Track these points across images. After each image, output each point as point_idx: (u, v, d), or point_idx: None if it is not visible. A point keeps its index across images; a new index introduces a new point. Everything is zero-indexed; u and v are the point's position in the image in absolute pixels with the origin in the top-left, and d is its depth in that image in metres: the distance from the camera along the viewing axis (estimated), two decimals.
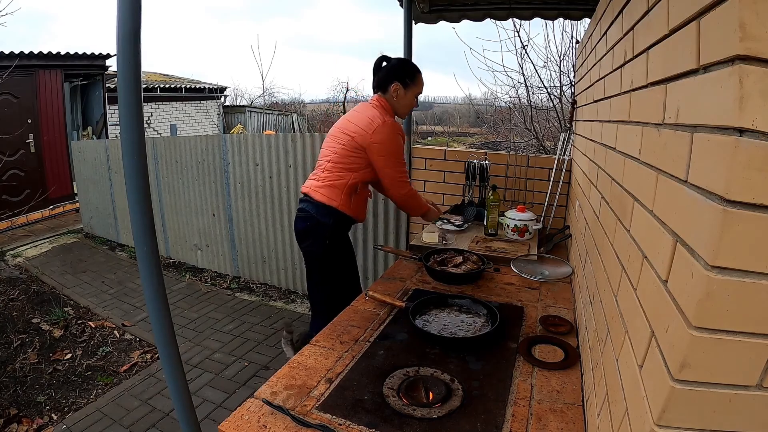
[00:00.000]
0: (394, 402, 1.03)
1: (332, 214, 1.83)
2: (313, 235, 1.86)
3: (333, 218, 1.83)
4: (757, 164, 0.44)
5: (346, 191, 1.82)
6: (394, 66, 1.84)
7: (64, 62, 6.38)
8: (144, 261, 1.11)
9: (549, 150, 4.38)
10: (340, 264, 1.92)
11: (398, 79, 1.81)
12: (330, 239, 1.85)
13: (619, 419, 0.71)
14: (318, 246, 1.86)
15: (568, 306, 1.57)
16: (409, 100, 1.87)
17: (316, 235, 1.85)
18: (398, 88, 1.81)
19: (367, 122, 1.77)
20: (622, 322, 0.81)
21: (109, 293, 3.64)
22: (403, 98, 1.85)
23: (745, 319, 0.47)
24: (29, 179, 5.91)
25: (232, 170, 3.58)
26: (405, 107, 1.88)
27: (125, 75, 1.01)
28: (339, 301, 1.92)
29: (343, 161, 1.81)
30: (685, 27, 0.61)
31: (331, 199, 1.82)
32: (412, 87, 1.85)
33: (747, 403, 0.50)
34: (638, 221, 0.80)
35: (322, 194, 1.83)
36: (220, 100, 11.24)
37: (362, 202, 1.93)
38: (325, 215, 1.82)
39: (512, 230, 2.18)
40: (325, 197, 1.82)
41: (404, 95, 1.84)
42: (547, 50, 7.23)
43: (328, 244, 1.85)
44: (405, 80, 1.82)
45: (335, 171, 1.82)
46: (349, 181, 1.82)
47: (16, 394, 2.28)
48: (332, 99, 15.80)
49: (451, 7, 2.69)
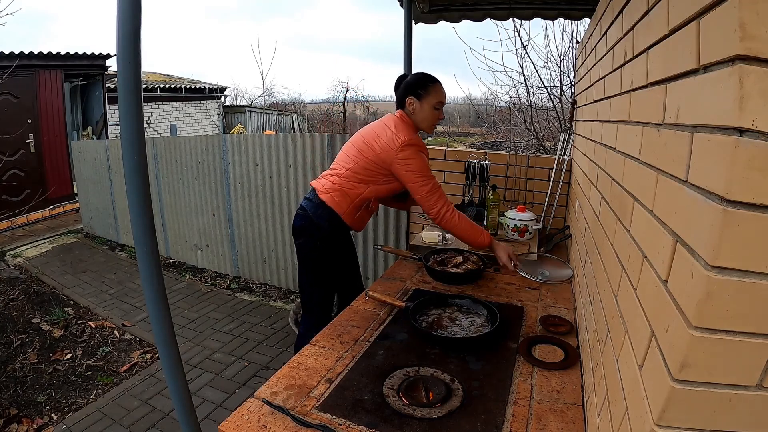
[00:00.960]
0: (394, 402, 1.03)
1: (331, 219, 1.81)
2: (305, 234, 1.86)
3: (330, 223, 1.81)
4: (757, 164, 0.44)
5: (357, 202, 1.81)
6: (408, 81, 1.84)
7: (64, 62, 6.38)
8: (144, 261, 1.11)
9: (549, 150, 4.38)
10: (332, 266, 1.90)
11: (411, 93, 1.81)
12: (322, 242, 1.84)
13: (619, 419, 0.71)
14: (309, 246, 1.86)
15: (568, 306, 1.57)
16: (427, 112, 1.81)
17: (308, 235, 1.85)
18: (413, 102, 1.81)
19: (391, 136, 1.77)
20: (622, 322, 0.81)
21: (109, 293, 3.64)
22: (420, 111, 1.81)
23: (745, 319, 0.47)
24: (29, 179, 5.91)
25: (232, 170, 3.58)
26: (424, 120, 1.83)
27: (125, 75, 1.01)
28: (329, 302, 1.93)
29: (362, 173, 1.80)
30: (685, 27, 0.61)
31: (338, 205, 1.80)
32: (427, 98, 1.80)
33: (747, 403, 0.50)
34: (638, 221, 0.80)
35: (332, 197, 1.81)
36: (220, 100, 11.24)
37: (367, 216, 1.92)
38: (321, 217, 1.81)
39: (512, 230, 2.18)
40: (334, 201, 1.81)
41: (420, 108, 1.81)
42: (548, 50, 7.24)
43: (319, 245, 1.84)
44: (418, 92, 1.80)
45: (353, 180, 1.81)
46: (363, 194, 1.81)
47: (16, 394, 2.28)
48: (332, 99, 15.80)
49: (451, 7, 2.69)
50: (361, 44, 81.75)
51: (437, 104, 1.82)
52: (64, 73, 6.43)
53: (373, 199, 1.85)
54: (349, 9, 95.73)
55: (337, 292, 2.06)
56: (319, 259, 1.86)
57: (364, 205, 1.84)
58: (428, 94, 1.80)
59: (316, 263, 1.87)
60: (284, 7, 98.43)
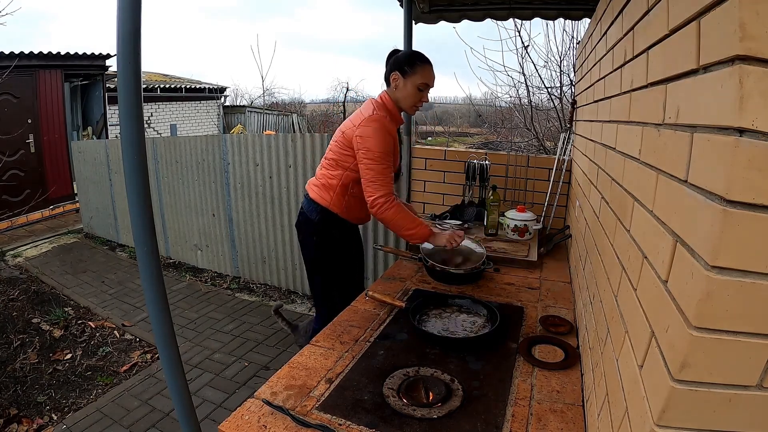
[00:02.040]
0: (394, 402, 1.03)
1: (320, 211, 1.82)
2: (303, 231, 1.89)
3: (320, 216, 1.82)
4: (757, 164, 0.44)
5: (339, 190, 1.79)
6: (397, 56, 1.79)
7: (64, 62, 6.38)
8: (144, 261, 1.11)
9: (549, 150, 4.38)
10: (332, 262, 1.89)
11: (398, 69, 1.74)
12: (318, 236, 1.84)
13: (619, 419, 0.71)
14: (307, 242, 1.89)
15: (568, 306, 1.57)
16: (410, 90, 1.74)
17: (304, 231, 1.88)
18: (397, 78, 1.74)
19: (358, 115, 1.73)
20: (622, 322, 0.81)
21: (109, 293, 3.64)
22: (402, 89, 1.75)
23: (745, 320, 0.47)
24: (29, 179, 5.90)
25: (232, 170, 3.58)
26: (406, 98, 1.76)
27: (125, 75, 1.01)
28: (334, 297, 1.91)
29: (337, 158, 1.78)
30: (685, 27, 0.61)
31: (321, 197, 1.81)
32: (412, 76, 1.73)
33: (747, 403, 0.50)
34: (638, 221, 0.80)
35: (315, 192, 1.84)
36: (220, 100, 11.24)
37: (361, 203, 1.85)
38: (312, 212, 1.83)
39: (512, 230, 2.18)
40: (317, 195, 1.82)
41: (403, 85, 1.74)
42: (548, 50, 7.24)
43: (316, 240, 1.85)
44: (404, 69, 1.73)
45: (330, 168, 1.80)
46: (341, 180, 1.78)
47: (16, 394, 2.28)
48: (332, 99, 15.79)
49: (451, 7, 2.69)
50: (362, 44, 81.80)
51: (422, 85, 1.74)
52: (64, 73, 6.43)
53: (353, 182, 1.78)
54: (350, 9, 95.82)
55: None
56: (321, 255, 1.87)
57: (345, 190, 1.80)
58: (414, 72, 1.73)
59: (319, 260, 1.88)
60: (284, 6, 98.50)
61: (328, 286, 1.92)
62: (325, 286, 1.93)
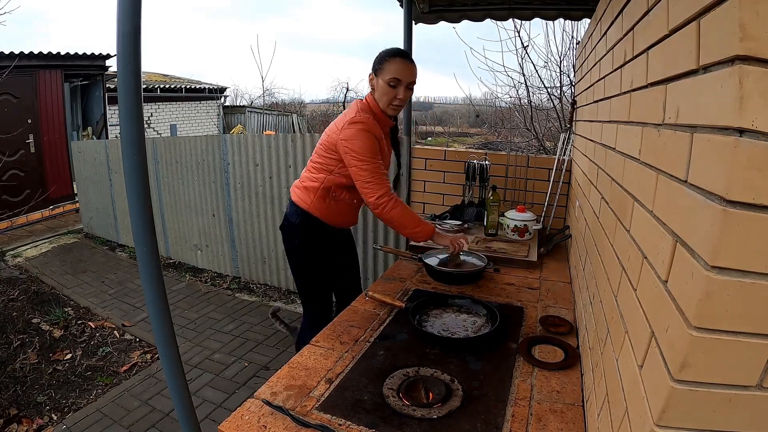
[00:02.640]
0: (394, 402, 1.03)
1: (301, 215, 1.79)
2: (285, 234, 1.88)
3: (300, 219, 1.79)
4: (757, 164, 0.44)
5: (320, 193, 1.76)
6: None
7: (64, 62, 6.38)
8: (144, 261, 1.11)
9: (549, 150, 4.38)
10: (312, 266, 1.87)
11: (372, 69, 1.73)
12: (299, 239, 1.82)
13: (619, 419, 0.71)
14: (290, 245, 1.87)
15: (568, 306, 1.57)
16: (383, 88, 1.68)
17: (286, 234, 1.87)
18: (372, 78, 1.73)
19: (342, 118, 1.72)
20: (622, 323, 0.81)
21: (109, 293, 3.64)
22: (378, 88, 1.71)
23: (745, 320, 0.47)
24: (29, 179, 5.90)
25: (232, 170, 3.58)
26: (381, 98, 1.71)
27: (125, 75, 1.01)
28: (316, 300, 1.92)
29: (321, 161, 1.76)
30: (684, 27, 0.61)
31: (302, 200, 1.79)
32: (381, 73, 1.69)
33: (747, 403, 0.50)
34: (638, 221, 0.80)
35: (296, 195, 1.82)
36: (220, 100, 11.24)
37: (343, 207, 1.82)
38: (293, 215, 1.81)
39: (512, 230, 2.18)
40: (298, 198, 1.80)
41: (377, 85, 1.71)
42: (548, 50, 7.24)
43: (296, 243, 1.83)
44: (376, 68, 1.71)
45: (313, 171, 1.78)
46: (323, 183, 1.75)
47: (16, 394, 2.28)
48: (332, 99, 15.79)
49: (451, 8, 2.69)
50: (362, 44, 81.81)
51: (392, 80, 1.66)
52: (64, 73, 6.43)
53: (335, 186, 1.76)
54: (350, 9, 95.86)
55: (334, 292, 2.06)
56: (302, 257, 1.86)
57: (327, 194, 1.77)
58: (382, 69, 1.68)
59: (301, 262, 1.88)
60: (284, 6, 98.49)
61: (309, 288, 1.92)
62: (305, 289, 1.93)
